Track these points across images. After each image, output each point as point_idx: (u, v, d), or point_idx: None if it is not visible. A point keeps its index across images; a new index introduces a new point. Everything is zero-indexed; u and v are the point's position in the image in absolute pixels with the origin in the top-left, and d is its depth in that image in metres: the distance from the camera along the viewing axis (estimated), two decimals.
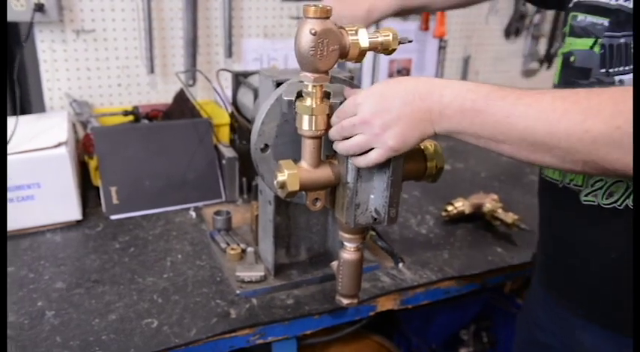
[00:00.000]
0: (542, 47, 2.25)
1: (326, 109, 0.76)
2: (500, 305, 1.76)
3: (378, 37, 0.76)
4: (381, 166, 0.75)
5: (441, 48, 2.06)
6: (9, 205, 1.16)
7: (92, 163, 1.37)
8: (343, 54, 0.76)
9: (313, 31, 0.70)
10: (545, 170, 0.85)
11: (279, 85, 0.91)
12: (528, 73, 2.31)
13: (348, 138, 0.74)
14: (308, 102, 0.76)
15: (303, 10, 0.72)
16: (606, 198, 0.73)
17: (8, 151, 1.15)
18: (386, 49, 0.79)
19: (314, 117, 0.76)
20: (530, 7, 2.15)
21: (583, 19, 0.75)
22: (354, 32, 0.75)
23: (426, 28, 1.98)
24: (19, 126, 1.21)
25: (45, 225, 1.21)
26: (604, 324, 0.76)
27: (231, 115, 1.40)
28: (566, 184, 0.79)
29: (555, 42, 2.23)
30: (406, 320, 1.62)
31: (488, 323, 1.83)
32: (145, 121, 1.51)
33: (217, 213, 1.23)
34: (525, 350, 0.99)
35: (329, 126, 0.78)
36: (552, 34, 2.22)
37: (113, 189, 1.29)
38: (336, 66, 0.77)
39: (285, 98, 0.78)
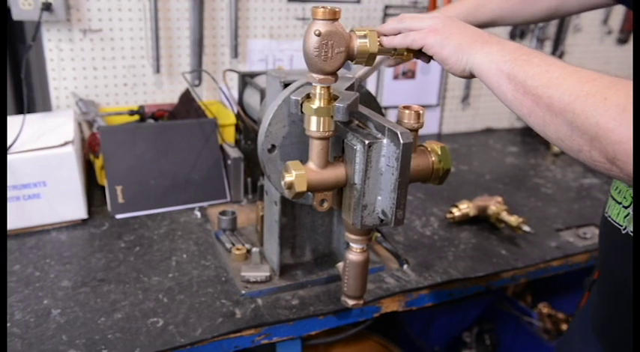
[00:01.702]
0: (547, 50, 2.24)
1: (332, 111, 0.76)
2: (503, 307, 1.76)
3: None
4: (389, 167, 0.75)
5: None
6: (15, 203, 1.16)
7: (98, 162, 1.37)
8: (350, 57, 0.76)
9: (317, 33, 0.71)
10: (609, 210, 0.80)
11: (286, 85, 0.91)
12: None
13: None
14: (315, 103, 0.76)
15: (312, 12, 0.72)
16: None
17: (15, 150, 1.15)
18: (400, 55, 0.79)
19: (322, 118, 0.76)
20: None
21: None
22: (363, 36, 0.75)
23: None
24: (25, 125, 1.21)
25: (51, 223, 1.22)
26: None
27: (237, 116, 1.40)
28: (630, 232, 0.73)
29: (560, 45, 2.23)
30: (409, 322, 1.62)
31: (490, 325, 1.83)
32: (151, 121, 1.51)
33: (222, 213, 1.23)
34: None
35: (335, 127, 0.78)
36: (557, 37, 2.22)
37: (119, 189, 1.30)
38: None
39: (293, 98, 0.78)
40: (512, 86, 0.66)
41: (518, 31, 2.15)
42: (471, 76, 0.75)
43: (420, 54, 0.79)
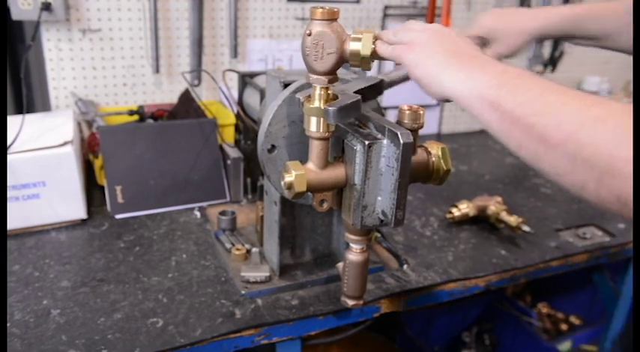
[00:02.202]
0: (546, 50, 2.24)
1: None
2: (503, 307, 1.76)
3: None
4: (389, 168, 0.75)
5: None
6: (14, 203, 1.16)
7: (97, 162, 1.37)
8: (343, 58, 0.75)
9: (308, 32, 0.72)
10: None
11: (286, 86, 0.91)
12: None
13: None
14: (313, 103, 0.76)
15: (310, 12, 0.73)
16: None
17: (14, 150, 1.15)
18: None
19: (322, 118, 0.76)
20: None
21: None
22: (357, 38, 0.74)
23: None
24: (24, 125, 1.21)
25: (50, 223, 1.22)
26: None
27: (237, 116, 1.40)
28: None
29: (559, 45, 2.23)
30: (409, 322, 1.62)
31: (490, 325, 1.83)
32: (151, 121, 1.51)
33: (222, 213, 1.23)
34: None
35: (335, 128, 0.78)
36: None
37: (118, 189, 1.30)
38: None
39: (297, 96, 0.78)
40: (497, 115, 0.58)
41: None
42: (447, 100, 0.69)
43: None
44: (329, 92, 0.76)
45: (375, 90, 0.86)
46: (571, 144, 0.49)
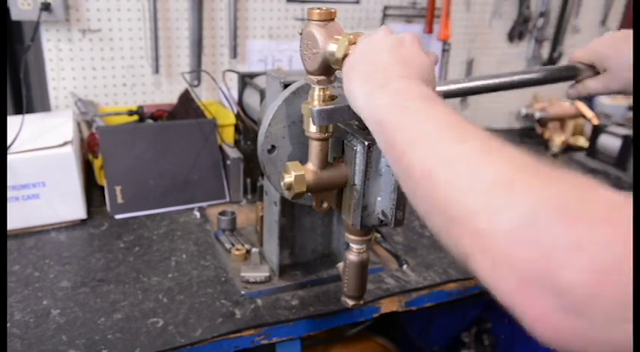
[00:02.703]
0: (545, 51, 2.25)
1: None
2: (502, 307, 1.76)
3: None
4: (389, 168, 0.75)
5: (445, 51, 2.06)
6: (14, 204, 1.16)
7: (97, 162, 1.37)
8: (326, 60, 0.73)
9: (300, 31, 0.73)
10: None
11: (286, 86, 0.91)
12: None
13: None
14: (310, 103, 0.76)
15: (307, 13, 0.73)
16: None
17: (14, 150, 1.15)
18: None
19: None
20: (534, 11, 2.15)
21: None
22: (336, 40, 0.71)
23: (430, 31, 1.99)
24: (24, 125, 1.21)
25: (50, 223, 1.22)
26: None
27: (237, 116, 1.40)
28: None
29: (558, 46, 2.23)
30: (409, 322, 1.62)
31: (489, 325, 1.83)
32: (150, 121, 1.51)
33: (222, 213, 1.23)
34: None
35: (334, 128, 0.78)
36: (556, 38, 2.22)
37: (118, 189, 1.30)
38: None
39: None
40: (381, 138, 0.52)
41: (517, 32, 2.15)
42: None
43: None
44: (326, 93, 0.76)
45: None
46: (427, 181, 0.43)
